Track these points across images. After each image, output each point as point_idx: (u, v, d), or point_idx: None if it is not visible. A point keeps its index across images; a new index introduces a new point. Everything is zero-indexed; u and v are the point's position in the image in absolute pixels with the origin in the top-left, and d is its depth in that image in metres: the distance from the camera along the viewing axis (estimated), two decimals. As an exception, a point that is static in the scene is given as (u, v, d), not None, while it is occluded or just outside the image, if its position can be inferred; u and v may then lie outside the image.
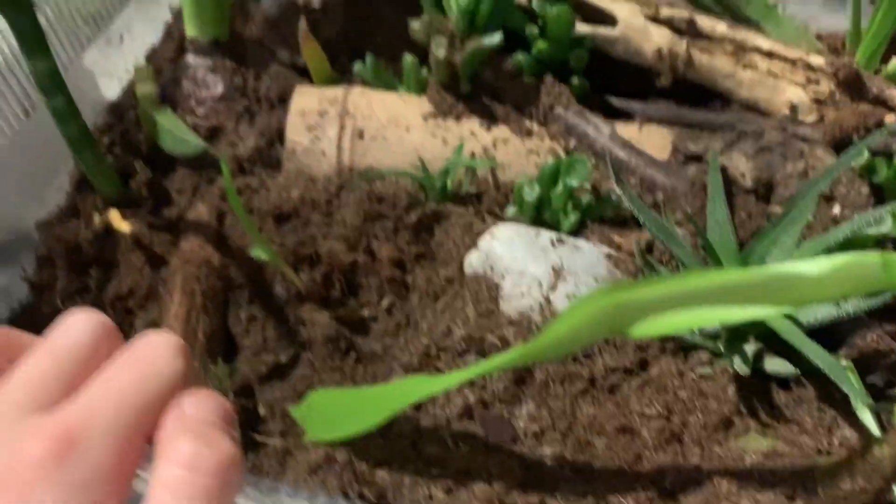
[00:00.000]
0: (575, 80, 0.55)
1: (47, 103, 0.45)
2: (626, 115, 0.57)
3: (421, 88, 0.57)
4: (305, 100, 0.55)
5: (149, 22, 0.61)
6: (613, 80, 0.58)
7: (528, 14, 0.56)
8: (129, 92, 0.59)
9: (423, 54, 0.56)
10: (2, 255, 0.52)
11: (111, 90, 0.58)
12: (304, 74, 0.59)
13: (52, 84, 0.45)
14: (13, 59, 0.48)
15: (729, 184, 0.49)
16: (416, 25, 0.54)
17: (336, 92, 0.55)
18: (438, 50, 0.51)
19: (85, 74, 0.57)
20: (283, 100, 0.59)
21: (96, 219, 0.53)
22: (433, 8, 0.54)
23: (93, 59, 0.57)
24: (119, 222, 0.50)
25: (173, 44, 0.61)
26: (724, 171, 0.49)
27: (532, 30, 0.54)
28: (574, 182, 0.47)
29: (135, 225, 0.51)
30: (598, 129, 0.52)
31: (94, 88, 0.58)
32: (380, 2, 0.61)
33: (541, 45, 0.54)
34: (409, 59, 0.55)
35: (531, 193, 0.48)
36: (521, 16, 0.55)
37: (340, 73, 0.60)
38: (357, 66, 0.58)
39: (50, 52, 0.44)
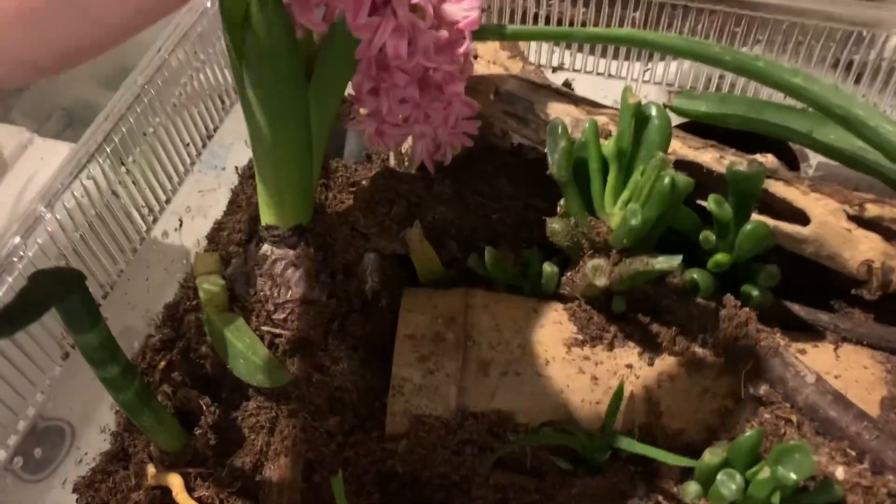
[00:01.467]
0: (755, 293, 0.44)
1: (97, 373, 0.34)
2: (810, 329, 0.45)
3: (554, 290, 0.45)
4: (415, 318, 0.43)
5: (214, 193, 0.50)
6: (789, 278, 0.47)
7: (693, 205, 0.44)
8: (187, 286, 0.48)
9: (552, 247, 0.45)
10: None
11: (170, 288, 0.47)
12: (405, 263, 0.48)
13: (103, 355, 0.33)
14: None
15: None
16: (556, 227, 0.43)
17: (453, 305, 0.44)
18: (598, 279, 0.40)
19: (138, 273, 0.46)
20: (379, 297, 0.47)
21: (150, 472, 0.41)
22: (579, 205, 0.42)
23: (146, 247, 0.46)
24: (185, 500, 0.39)
25: (242, 220, 0.50)
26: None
27: (708, 237, 0.42)
28: (792, 476, 0.35)
29: (202, 498, 0.39)
30: (799, 374, 0.40)
31: (146, 291, 0.47)
32: (496, 173, 0.50)
33: (721, 258, 0.42)
34: (549, 269, 0.43)
35: (729, 485, 0.36)
36: (689, 214, 0.43)
37: (449, 262, 0.48)
38: (472, 260, 0.47)
39: (101, 321, 0.33)
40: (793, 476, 0.36)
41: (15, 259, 0.36)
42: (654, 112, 0.42)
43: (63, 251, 0.38)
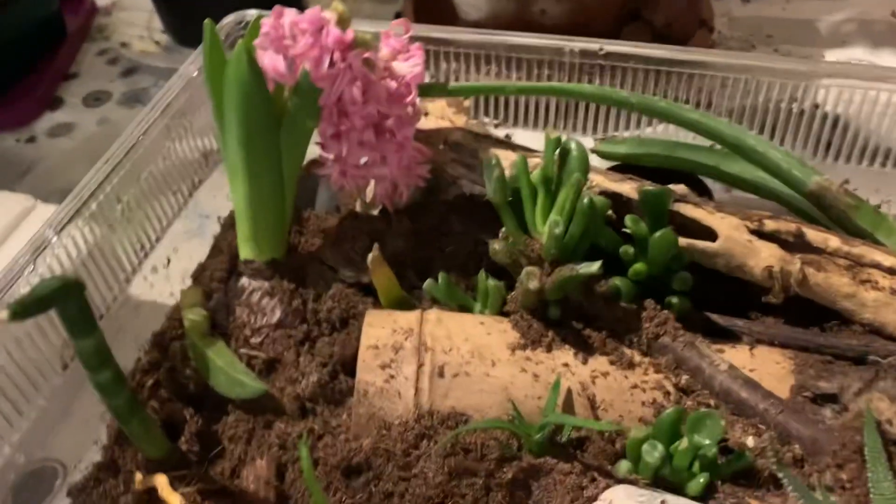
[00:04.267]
0: (675, 300, 0.50)
1: (92, 378, 0.39)
2: (729, 335, 0.51)
3: (499, 309, 0.51)
4: (377, 332, 0.49)
5: (197, 237, 0.56)
6: (708, 292, 0.53)
7: (618, 230, 0.51)
8: (174, 317, 0.53)
9: (498, 270, 0.51)
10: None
11: (156, 318, 0.52)
12: (370, 293, 0.54)
13: (98, 360, 0.39)
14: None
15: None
16: (497, 247, 0.49)
17: (410, 319, 0.49)
18: (531, 282, 0.46)
19: (129, 304, 0.51)
20: (346, 322, 0.53)
21: (137, 478, 0.46)
22: (514, 226, 0.49)
23: (136, 285, 0.52)
24: (168, 494, 0.43)
25: (223, 260, 0.56)
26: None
27: (627, 250, 0.49)
28: (706, 441, 0.40)
29: (185, 494, 0.43)
30: (713, 363, 0.46)
31: (136, 319, 0.53)
32: (448, 213, 0.57)
33: (639, 267, 0.48)
34: (492, 283, 0.50)
35: (653, 453, 0.41)
36: (611, 234, 0.50)
37: (408, 290, 0.54)
38: (428, 285, 0.52)
39: (97, 329, 0.38)
40: (706, 441, 0.41)
41: (20, 279, 0.42)
42: (573, 146, 0.49)
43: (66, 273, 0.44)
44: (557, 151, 0.49)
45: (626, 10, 0.90)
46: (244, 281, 0.52)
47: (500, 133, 0.60)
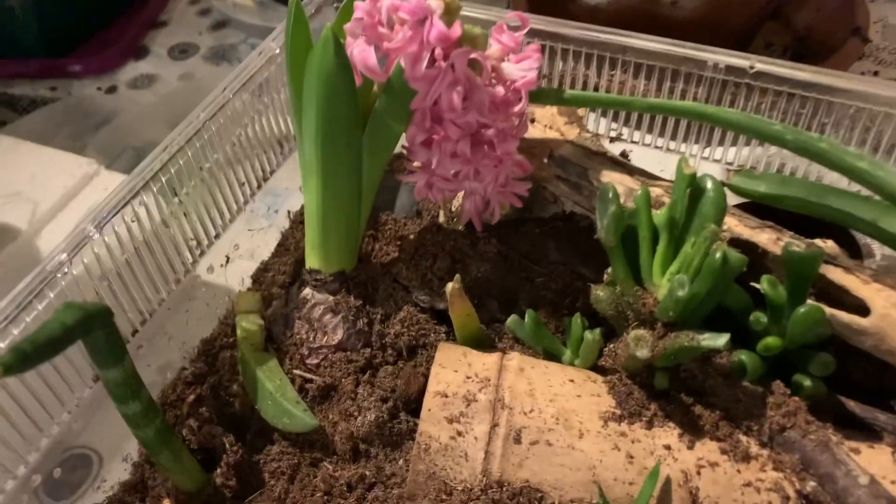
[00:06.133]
0: (807, 383, 0.41)
1: (119, 408, 0.34)
2: (866, 428, 0.43)
3: (594, 362, 0.44)
4: (448, 375, 0.42)
5: (263, 233, 0.50)
6: (844, 368, 0.44)
7: (746, 284, 0.42)
8: (227, 322, 0.48)
9: (595, 318, 0.44)
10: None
11: (209, 323, 0.47)
12: (443, 319, 0.47)
13: (127, 391, 0.33)
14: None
15: None
16: (601, 294, 0.42)
17: (488, 365, 0.43)
18: (640, 349, 0.38)
19: (179, 305, 0.46)
20: (415, 351, 0.47)
21: (166, 506, 0.41)
22: (625, 274, 0.41)
23: (190, 284, 0.47)
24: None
25: (288, 262, 0.50)
26: None
27: (759, 318, 0.41)
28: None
29: (213, 538, 0.38)
30: (851, 473, 0.38)
31: (185, 322, 0.47)
32: (544, 237, 0.49)
33: (772, 342, 0.40)
34: (590, 337, 0.42)
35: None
36: (740, 294, 0.42)
37: (488, 321, 0.47)
38: (512, 322, 0.45)
39: (126, 357, 0.33)
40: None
41: (59, 275, 0.37)
42: (709, 185, 0.41)
43: (107, 273, 0.39)
44: (688, 189, 0.41)
45: (769, 8, 0.79)
46: (307, 292, 0.46)
47: (616, 149, 0.52)
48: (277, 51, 0.47)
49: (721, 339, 0.37)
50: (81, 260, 0.37)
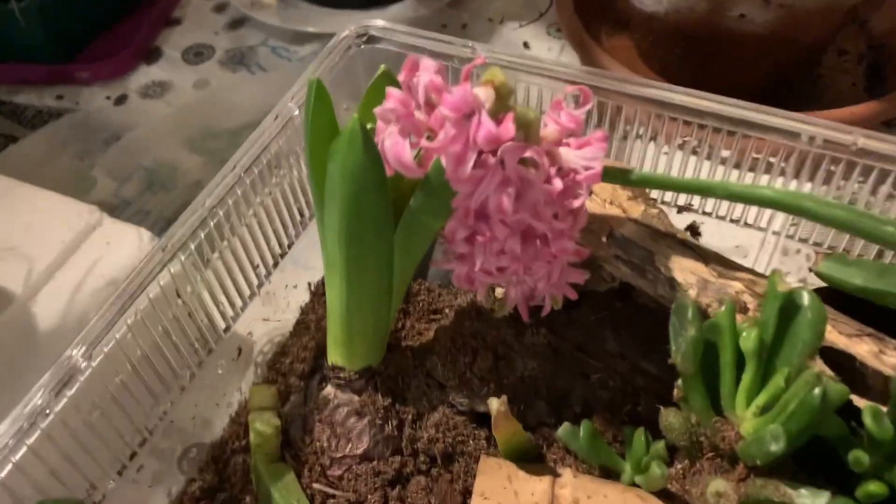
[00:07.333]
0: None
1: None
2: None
3: (657, 489, 0.38)
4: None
5: (279, 314, 0.44)
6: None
7: (848, 414, 0.36)
8: (238, 421, 0.43)
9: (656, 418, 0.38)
10: None
11: (220, 422, 0.42)
12: (484, 422, 0.42)
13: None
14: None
15: None
16: (672, 421, 0.36)
17: (536, 492, 0.37)
18: (720, 502, 0.32)
19: (185, 404, 0.41)
20: (451, 459, 0.41)
21: None
22: (702, 398, 0.35)
23: (199, 378, 0.41)
24: None
25: (307, 345, 0.45)
26: None
27: (860, 458, 0.34)
28: None
29: None
30: None
31: (193, 421, 0.42)
32: (600, 325, 0.43)
33: (875, 488, 0.34)
34: (657, 471, 0.36)
35: None
36: (838, 424, 0.35)
37: (535, 424, 0.41)
38: (565, 433, 0.39)
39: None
40: None
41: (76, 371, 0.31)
42: (806, 302, 0.34)
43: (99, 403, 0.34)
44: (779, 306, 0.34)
45: (849, 19, 0.70)
46: (329, 390, 0.41)
47: (684, 220, 0.45)
48: (296, 112, 0.40)
49: (820, 499, 0.31)
50: (103, 350, 0.32)
